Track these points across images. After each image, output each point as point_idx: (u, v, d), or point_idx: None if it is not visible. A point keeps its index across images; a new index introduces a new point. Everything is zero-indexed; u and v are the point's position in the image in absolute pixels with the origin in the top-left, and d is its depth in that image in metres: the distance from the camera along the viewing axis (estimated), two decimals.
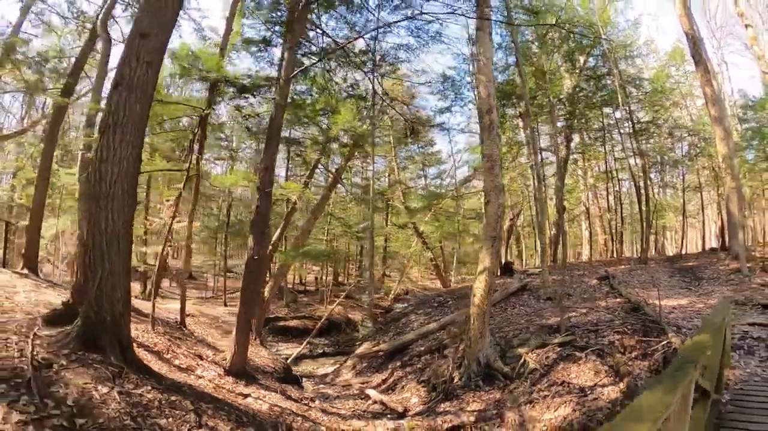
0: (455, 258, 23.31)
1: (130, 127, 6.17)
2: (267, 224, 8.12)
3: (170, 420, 4.24)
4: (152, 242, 16.54)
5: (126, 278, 5.91)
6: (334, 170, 18.98)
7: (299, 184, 15.14)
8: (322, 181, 21.80)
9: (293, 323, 18.46)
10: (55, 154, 13.33)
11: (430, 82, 16.44)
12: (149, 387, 4.62)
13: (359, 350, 12.60)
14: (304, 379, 11.68)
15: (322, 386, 11.11)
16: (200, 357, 8.11)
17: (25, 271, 11.44)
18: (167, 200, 12.13)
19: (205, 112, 8.69)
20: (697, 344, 3.69)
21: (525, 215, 25.68)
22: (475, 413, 7.55)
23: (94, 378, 4.34)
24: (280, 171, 20.65)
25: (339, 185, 20.89)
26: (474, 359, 8.53)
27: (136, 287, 16.67)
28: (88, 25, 13.56)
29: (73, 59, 14.45)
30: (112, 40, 11.00)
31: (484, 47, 8.24)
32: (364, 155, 18.99)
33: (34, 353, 4.42)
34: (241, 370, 8.00)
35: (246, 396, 6.58)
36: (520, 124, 18.94)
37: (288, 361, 12.59)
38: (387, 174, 22.11)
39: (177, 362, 7.17)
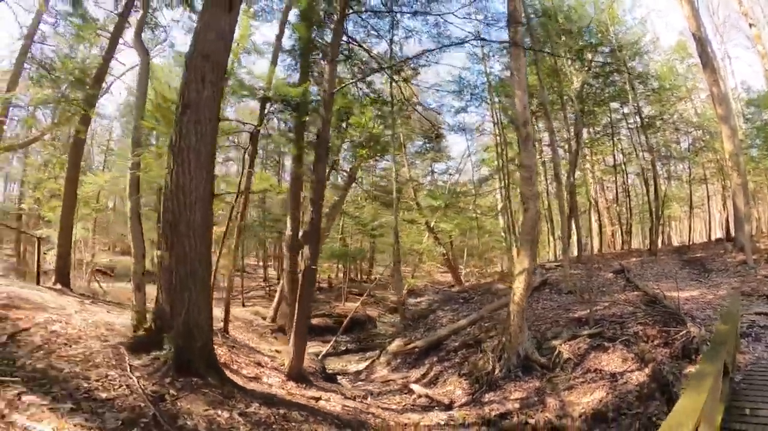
0: (465, 252, 23.89)
1: (202, 150, 6.34)
2: (320, 233, 8.52)
3: None
4: None
5: (209, 301, 6.16)
6: (348, 170, 19.36)
7: None
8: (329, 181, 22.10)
9: (314, 321, 18.80)
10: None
11: (442, 88, 16.85)
12: (257, 404, 4.88)
13: (392, 347, 13.09)
14: (338, 377, 12.11)
15: (360, 383, 11.55)
16: (260, 365, 8.54)
17: (59, 286, 11.20)
18: None
19: (257, 128, 9.01)
20: (722, 332, 4.84)
21: None
22: (519, 401, 8.18)
23: (208, 403, 4.46)
24: None
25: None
26: (514, 352, 9.14)
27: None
28: (102, 33, 13.41)
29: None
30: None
31: (518, 63, 8.66)
32: (378, 155, 19.28)
33: (142, 386, 4.46)
34: (299, 374, 8.48)
35: (317, 399, 7.05)
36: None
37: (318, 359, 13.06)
38: (395, 171, 22.49)
39: (244, 372, 7.57)
